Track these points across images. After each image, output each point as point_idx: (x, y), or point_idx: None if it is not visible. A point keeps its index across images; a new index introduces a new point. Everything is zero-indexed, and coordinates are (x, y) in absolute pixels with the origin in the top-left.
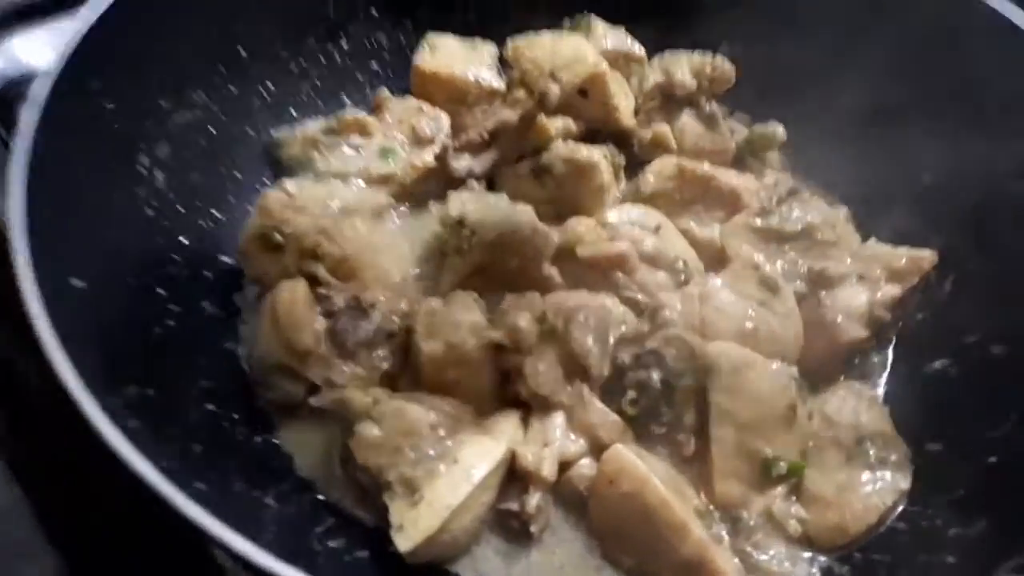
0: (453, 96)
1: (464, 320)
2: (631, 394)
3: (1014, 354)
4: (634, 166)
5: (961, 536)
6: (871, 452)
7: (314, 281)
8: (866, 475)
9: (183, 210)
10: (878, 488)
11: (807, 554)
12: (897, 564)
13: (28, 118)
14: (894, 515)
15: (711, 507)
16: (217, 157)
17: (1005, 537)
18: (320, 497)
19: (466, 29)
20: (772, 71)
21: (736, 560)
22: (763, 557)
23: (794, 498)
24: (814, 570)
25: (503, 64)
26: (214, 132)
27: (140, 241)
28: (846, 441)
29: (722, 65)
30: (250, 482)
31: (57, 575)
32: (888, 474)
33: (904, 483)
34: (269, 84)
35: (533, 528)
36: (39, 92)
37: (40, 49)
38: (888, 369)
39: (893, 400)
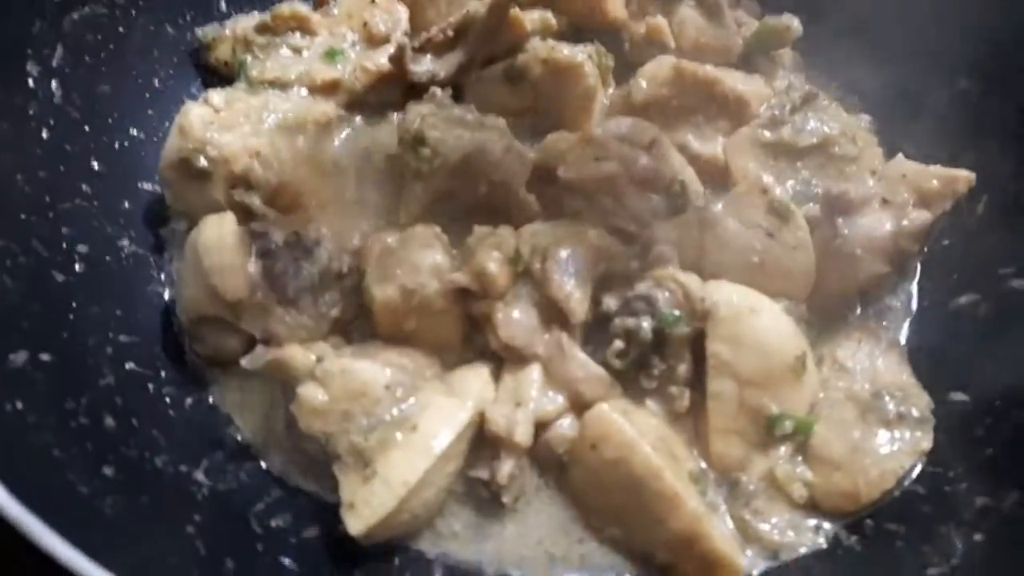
0: None
1: (424, 261)
2: (618, 344)
3: None
4: (625, 67)
5: (990, 509)
6: (889, 406)
7: (247, 214)
8: (883, 434)
9: (89, 128)
10: (895, 449)
11: (812, 522)
12: (915, 537)
13: None
14: (912, 477)
15: (707, 470)
16: (129, 62)
17: None
18: (263, 467)
19: None
20: None
21: (733, 530)
22: (763, 526)
23: (800, 459)
24: (820, 540)
25: None
26: (122, 31)
27: (34, 170)
28: (861, 394)
29: None
30: (177, 456)
31: None
32: (907, 432)
33: (926, 442)
34: None
35: (506, 498)
36: None
37: None
38: (912, 306)
39: (915, 342)
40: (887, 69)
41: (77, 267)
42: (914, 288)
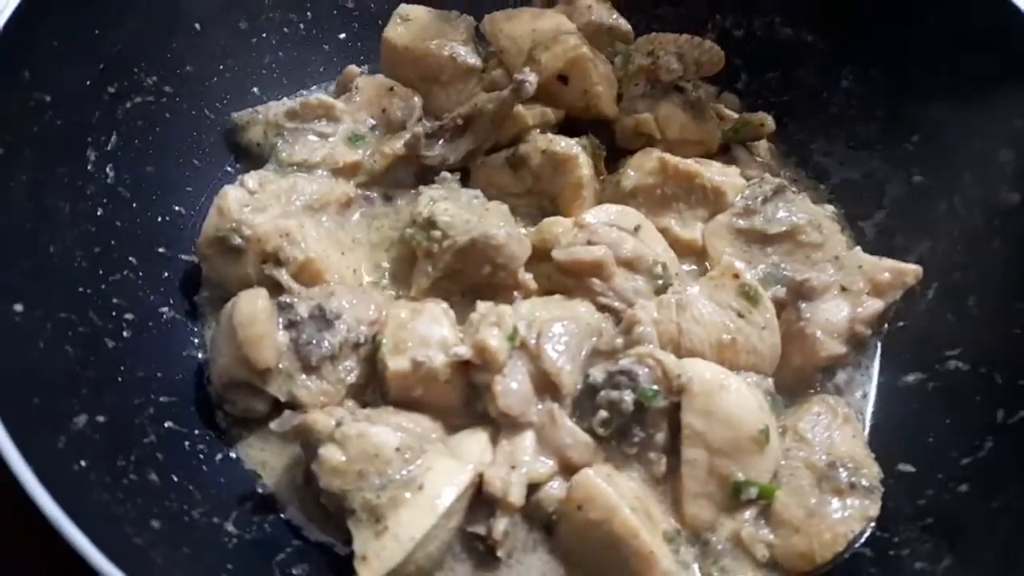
0: (426, 73)
1: (433, 335)
2: (602, 414)
3: (994, 376)
4: (615, 155)
5: (926, 571)
6: (842, 476)
7: (275, 287)
8: (835, 501)
9: (137, 206)
10: (847, 515)
11: None
12: None
13: None
14: (861, 540)
15: (680, 530)
16: (172, 145)
17: None
18: (283, 518)
19: (441, 1)
20: (765, 51)
21: None
22: None
23: (763, 521)
24: None
25: (480, 39)
26: (168, 117)
27: (90, 246)
28: (818, 464)
29: (711, 49)
30: (211, 508)
31: None
32: (857, 501)
33: (873, 510)
34: (228, 60)
35: (500, 553)
36: None
37: None
38: (870, 381)
39: (871, 416)
40: (853, 162)
41: (125, 334)
42: (874, 366)
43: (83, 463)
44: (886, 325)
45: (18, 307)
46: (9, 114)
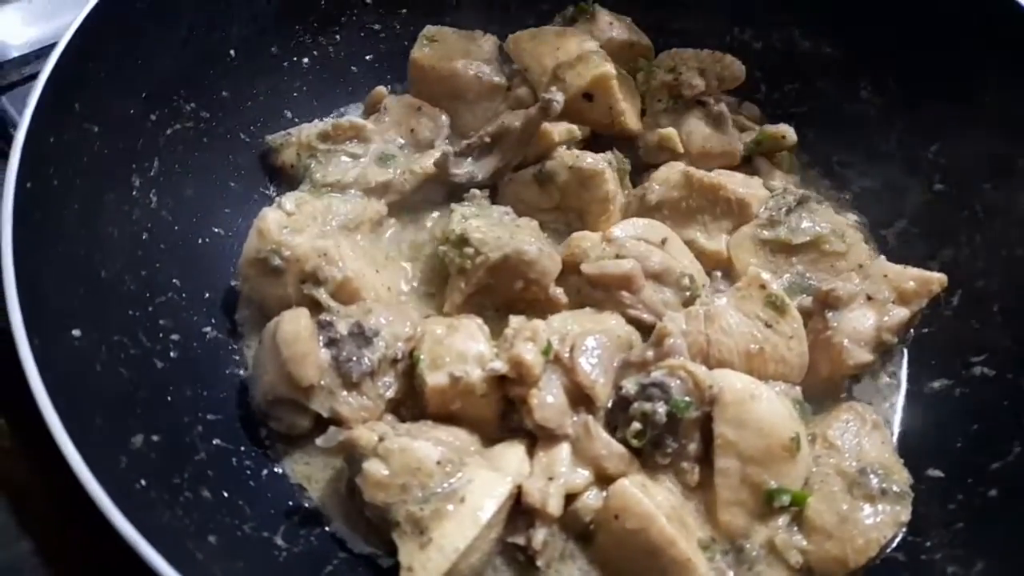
0: (453, 93)
1: (470, 351)
2: (636, 425)
3: (1020, 382)
4: (640, 169)
5: (959, 575)
6: (873, 482)
7: (316, 306)
8: (867, 507)
9: (179, 229)
10: (879, 521)
11: None
12: None
13: (11, 161)
14: (893, 545)
15: (715, 537)
16: (211, 168)
17: None
18: (328, 530)
19: (465, 21)
20: (784, 63)
21: None
22: None
23: (796, 528)
24: None
25: (504, 57)
26: (206, 141)
27: (138, 268)
28: (848, 470)
29: (731, 64)
30: (260, 523)
31: None
32: (889, 506)
33: (905, 515)
34: (262, 84)
35: (540, 562)
36: (21, 125)
37: (13, 28)
38: (898, 388)
39: (899, 422)
40: (873, 171)
41: (172, 354)
42: (902, 372)
43: (143, 482)
44: (912, 332)
45: (76, 332)
46: (62, 146)
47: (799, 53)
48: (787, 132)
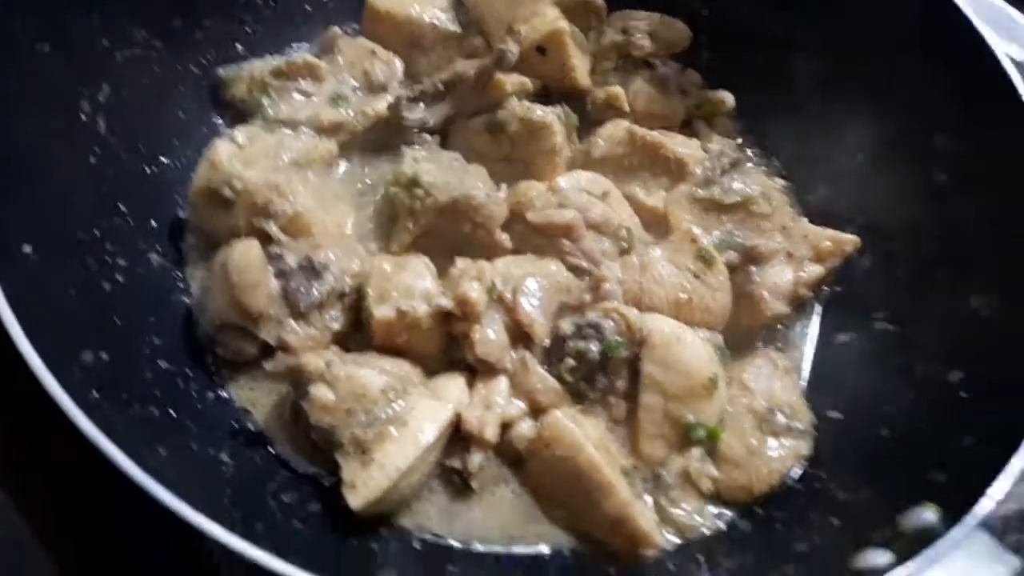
0: (407, 39)
1: (416, 287)
2: (570, 362)
3: (914, 336)
4: (587, 124)
5: (848, 501)
6: (779, 420)
7: (265, 238)
8: (773, 441)
9: (126, 156)
10: (782, 454)
11: (715, 509)
12: (791, 521)
13: None
14: (793, 477)
15: (636, 466)
16: (160, 98)
17: (881, 511)
18: (272, 452)
19: None
20: (728, 32)
21: (654, 514)
22: (678, 511)
23: (709, 459)
24: (720, 524)
25: (460, 6)
26: (157, 71)
27: (85, 193)
28: (759, 409)
29: (679, 28)
30: (207, 441)
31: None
32: (791, 442)
33: (805, 449)
34: (215, 16)
35: (474, 484)
36: None
37: None
38: (809, 339)
39: (809, 367)
40: (802, 141)
41: (119, 277)
42: (814, 325)
43: (95, 394)
44: (826, 289)
45: (27, 248)
46: (16, 65)
47: (742, 24)
48: (726, 98)
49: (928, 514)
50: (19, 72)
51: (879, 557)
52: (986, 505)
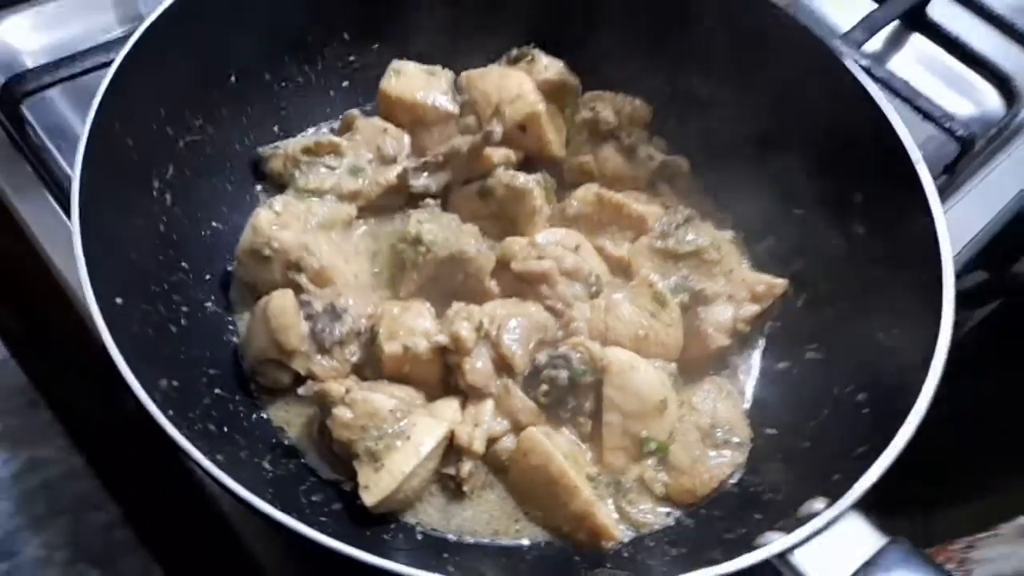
0: (414, 118)
1: (418, 326)
2: (544, 387)
3: (835, 364)
4: (563, 187)
5: (770, 500)
6: (719, 435)
7: (297, 288)
8: (714, 453)
9: (187, 223)
10: (721, 463)
11: (665, 509)
12: (725, 517)
13: (76, 171)
14: (731, 482)
15: (600, 473)
16: (212, 174)
17: (791, 505)
18: (303, 461)
19: (427, 56)
20: (686, 104)
21: (615, 513)
22: (634, 510)
23: (661, 467)
24: (669, 520)
25: (457, 89)
26: (209, 152)
27: (157, 254)
28: (703, 426)
29: (640, 105)
30: (252, 452)
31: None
32: (730, 452)
33: (741, 459)
34: (256, 104)
35: (466, 488)
36: (81, 144)
37: (26, 34)
38: (754, 367)
39: (753, 391)
40: (750, 199)
41: (183, 322)
42: (756, 355)
43: (171, 412)
44: (768, 324)
45: (119, 300)
46: (108, 158)
47: (698, 97)
48: (683, 163)
49: (817, 504)
50: (111, 162)
51: (773, 536)
52: (858, 491)
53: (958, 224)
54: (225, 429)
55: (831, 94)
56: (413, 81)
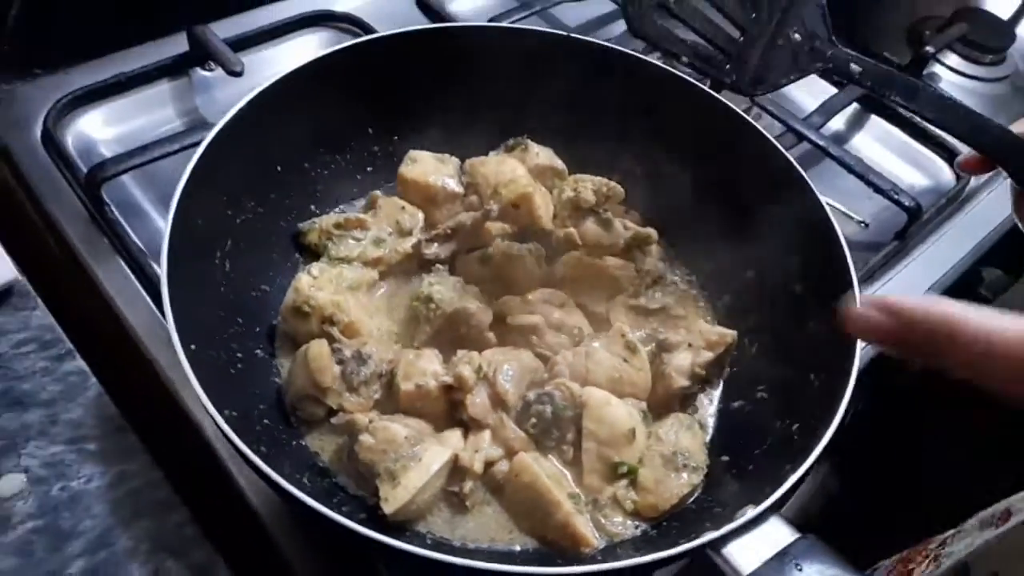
0: (427, 197)
1: (429, 369)
2: (533, 420)
3: (777, 403)
4: (551, 254)
5: (718, 512)
6: (680, 460)
7: (330, 338)
8: (675, 476)
9: (241, 286)
10: (680, 483)
11: (634, 522)
12: (683, 527)
13: (164, 244)
14: (690, 500)
15: (580, 493)
16: (262, 246)
17: (731, 515)
18: (334, 480)
19: (437, 146)
20: (656, 183)
21: (591, 525)
22: (608, 523)
23: (631, 487)
24: (638, 532)
25: (462, 172)
26: (259, 227)
27: (218, 311)
28: (666, 453)
29: (615, 186)
30: (294, 470)
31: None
32: (688, 475)
33: (697, 480)
34: (296, 188)
35: (468, 503)
36: (168, 222)
37: (100, 127)
38: (713, 405)
39: (712, 425)
40: (712, 263)
41: (239, 366)
42: (716, 395)
43: (235, 440)
44: (727, 370)
45: (193, 347)
46: (184, 234)
47: (665, 177)
48: (652, 233)
49: (749, 510)
50: (186, 238)
51: (711, 533)
52: (772, 498)
53: (909, 283)
54: (272, 452)
55: (772, 181)
56: (426, 167)
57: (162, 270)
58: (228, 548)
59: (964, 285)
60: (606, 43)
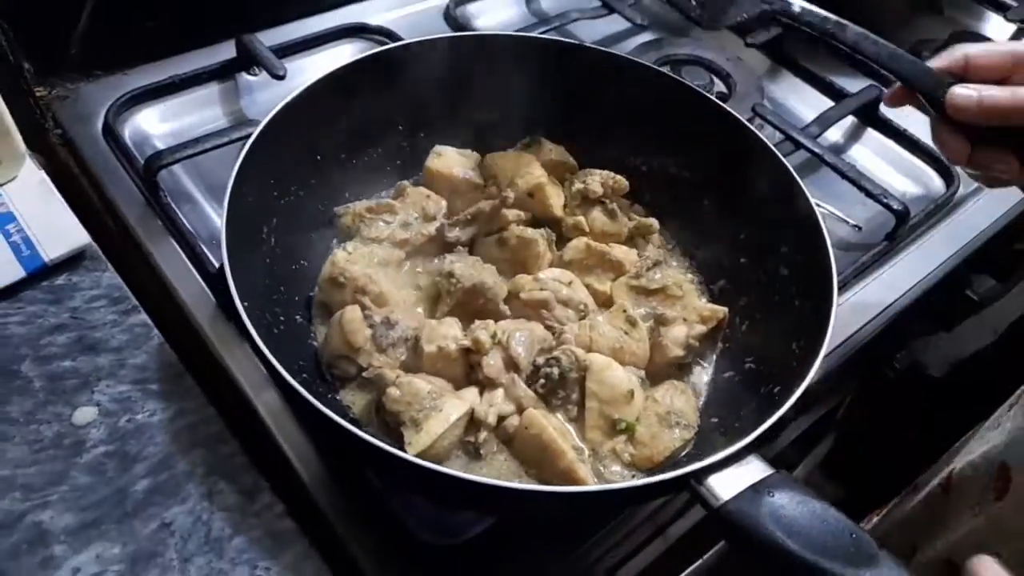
0: (450, 187)
1: (450, 333)
2: (542, 381)
3: (764, 370)
4: (561, 239)
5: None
6: (673, 419)
7: (362, 306)
8: (668, 432)
9: (285, 259)
10: (673, 438)
11: (630, 472)
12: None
13: (223, 218)
14: (682, 454)
15: (583, 446)
16: (303, 225)
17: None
18: (365, 430)
19: (460, 142)
20: (659, 179)
21: (592, 473)
22: (608, 472)
23: (628, 442)
24: (634, 480)
25: (483, 166)
26: (301, 209)
27: (264, 279)
28: (661, 413)
29: (620, 180)
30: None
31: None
32: (679, 432)
33: (688, 436)
34: (334, 176)
35: (482, 451)
36: (225, 200)
37: (155, 123)
38: (707, 375)
39: (705, 392)
40: (708, 250)
41: (282, 327)
42: (710, 366)
43: (282, 373)
44: (720, 345)
45: (246, 303)
46: (237, 212)
47: (667, 174)
48: (653, 223)
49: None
50: (239, 215)
51: (696, 464)
52: (750, 438)
53: (897, 281)
54: (317, 403)
55: (770, 180)
56: (450, 160)
57: (222, 232)
58: (271, 474)
59: (951, 286)
60: (618, 52)
